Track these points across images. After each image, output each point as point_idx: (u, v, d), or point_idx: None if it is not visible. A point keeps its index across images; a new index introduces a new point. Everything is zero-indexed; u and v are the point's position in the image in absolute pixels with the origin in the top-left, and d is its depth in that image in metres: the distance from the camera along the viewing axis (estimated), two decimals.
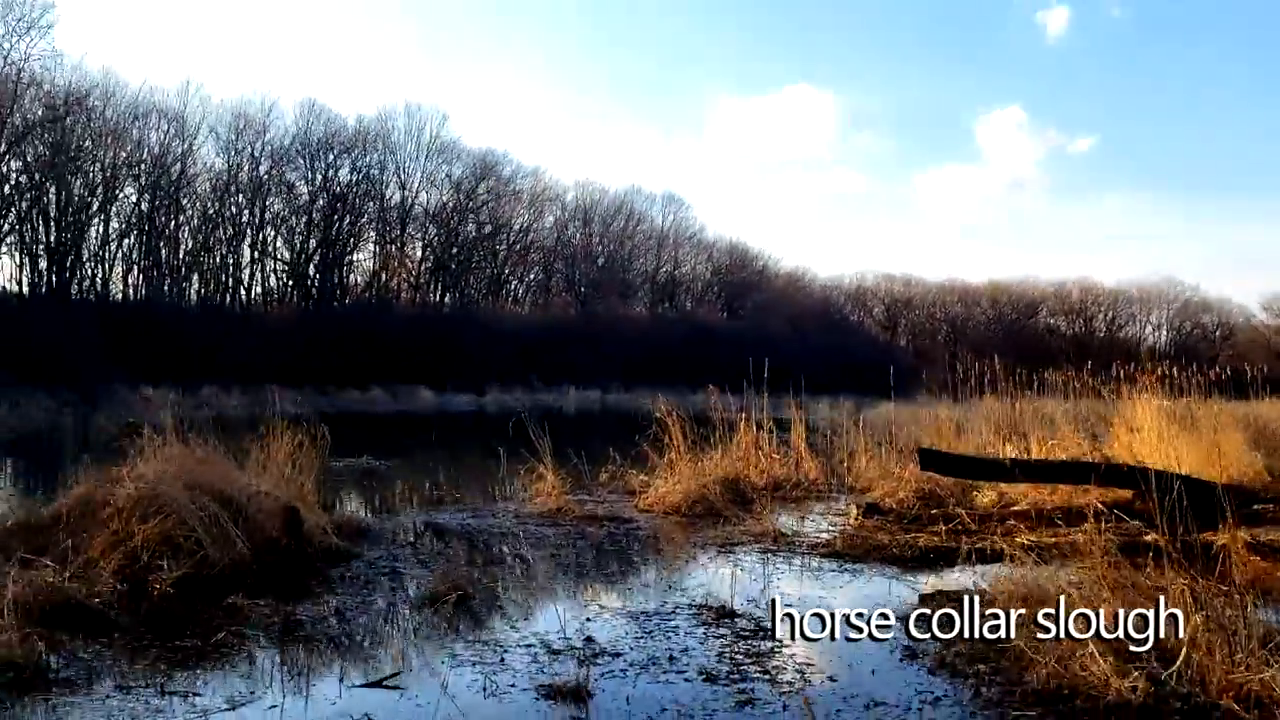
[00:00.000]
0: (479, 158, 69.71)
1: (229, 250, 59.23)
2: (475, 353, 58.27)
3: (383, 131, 65.26)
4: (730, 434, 13.39)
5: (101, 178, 51.12)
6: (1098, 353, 40.75)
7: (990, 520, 9.17)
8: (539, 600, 6.50)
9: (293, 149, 60.68)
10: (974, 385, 17.51)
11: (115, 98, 51.10)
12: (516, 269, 76.00)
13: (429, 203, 68.77)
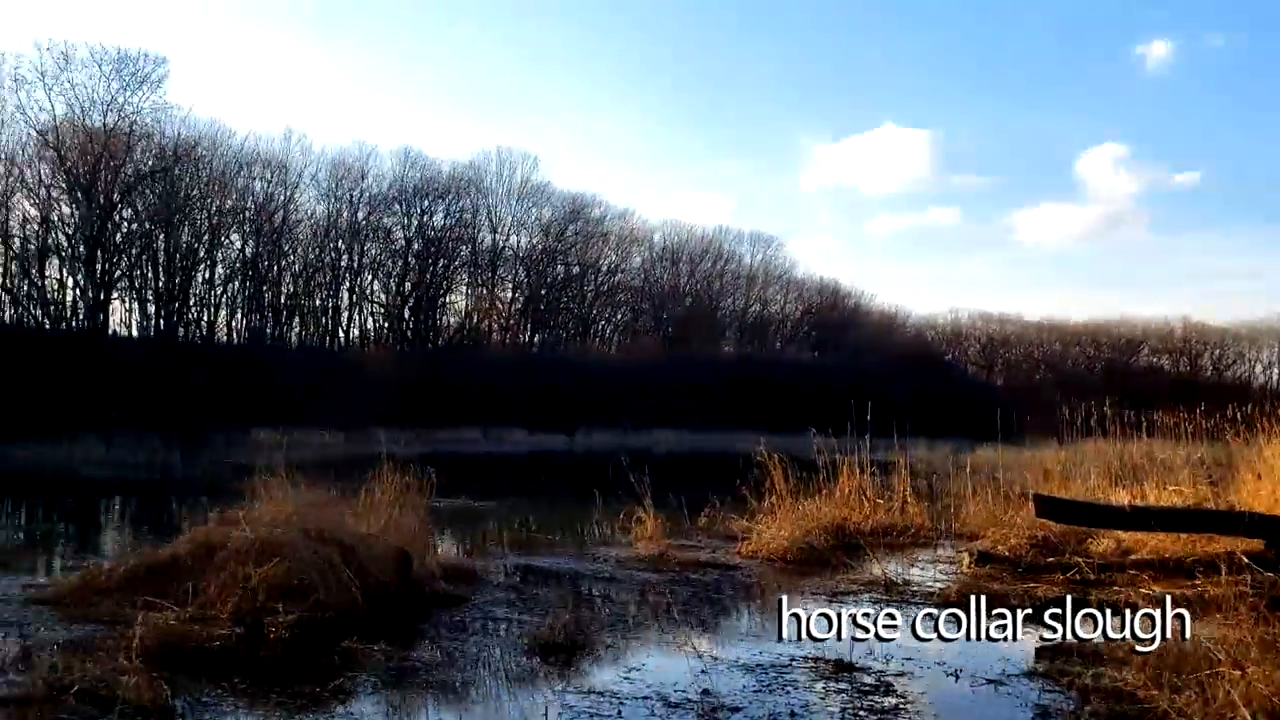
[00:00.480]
0: (569, 200, 70.63)
1: (328, 294, 60.84)
2: (565, 393, 58.69)
3: (475, 176, 66.59)
4: (831, 478, 13.18)
5: (208, 225, 53.04)
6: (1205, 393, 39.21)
7: (1110, 569, 8.81)
8: (650, 649, 6.41)
9: (390, 195, 62.28)
10: (1078, 427, 17.00)
11: (222, 148, 53.12)
12: (604, 309, 76.54)
13: (519, 245, 69.82)
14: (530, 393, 57.30)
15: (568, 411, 57.75)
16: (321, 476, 9.50)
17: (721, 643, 6.62)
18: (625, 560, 10.16)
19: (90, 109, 45.96)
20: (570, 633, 6.40)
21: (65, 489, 21.28)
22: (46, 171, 46.50)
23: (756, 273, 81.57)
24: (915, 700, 5.20)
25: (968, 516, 12.86)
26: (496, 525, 13.79)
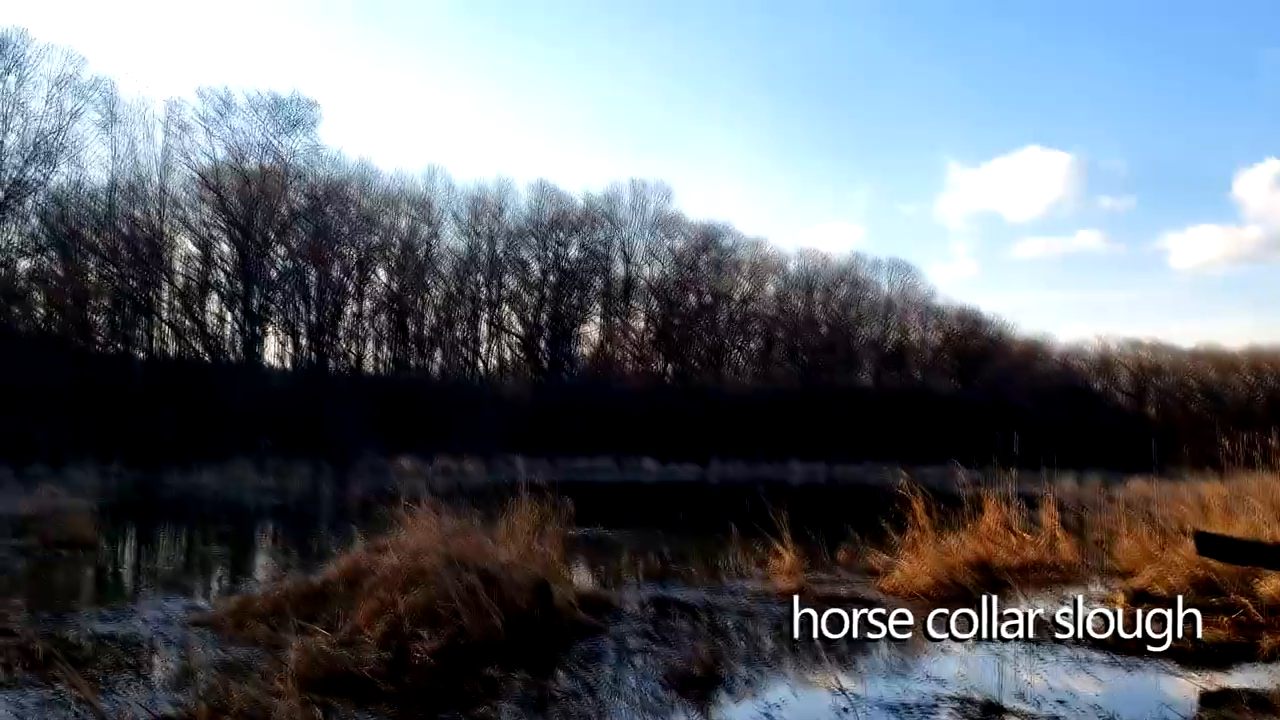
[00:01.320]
0: (700, 230, 71.01)
1: (468, 326, 62.55)
2: (697, 423, 58.72)
3: (609, 208, 67.65)
4: (974, 511, 12.80)
5: (356, 260, 55.26)
6: None
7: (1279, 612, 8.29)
8: (790, 685, 6.32)
9: (526, 229, 63.78)
10: (1239, 459, 16.11)
11: (369, 186, 55.44)
12: (737, 339, 76.42)
13: (651, 275, 70.48)
14: (662, 422, 57.56)
15: (700, 441, 57.72)
16: (462, 504, 9.72)
17: (863, 680, 6.48)
18: (763, 594, 10.06)
19: (247, 152, 48.66)
20: (708, 666, 6.37)
21: (222, 514, 22.35)
22: (207, 212, 49.35)
23: (894, 300, 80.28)
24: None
25: (1121, 553, 12.30)
26: (630, 556, 13.87)
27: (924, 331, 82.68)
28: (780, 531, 11.29)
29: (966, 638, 7.86)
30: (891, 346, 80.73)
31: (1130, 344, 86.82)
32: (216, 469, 33.97)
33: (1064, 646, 7.55)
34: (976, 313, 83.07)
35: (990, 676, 6.27)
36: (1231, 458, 16.19)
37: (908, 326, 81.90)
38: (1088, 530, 13.93)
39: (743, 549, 12.22)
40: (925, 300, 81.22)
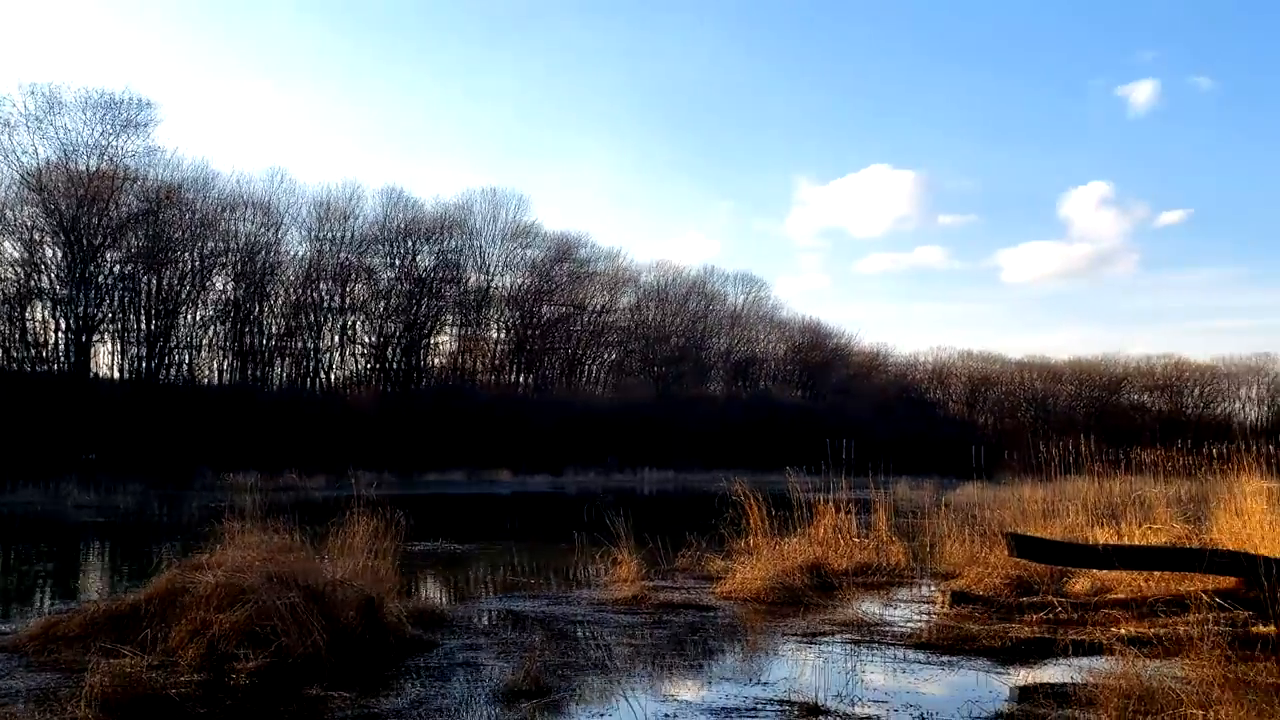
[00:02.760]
0: (557, 240, 70.91)
1: (313, 335, 60.72)
2: (552, 433, 58.53)
3: (463, 217, 66.85)
4: (811, 516, 13.15)
5: (192, 266, 52.97)
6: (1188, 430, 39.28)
7: (1087, 609, 8.77)
8: (618, 694, 6.31)
9: (375, 236, 62.41)
10: (1060, 465, 17.01)
11: (208, 189, 53.23)
12: (592, 349, 76.58)
13: (507, 285, 69.97)
14: (517, 433, 57.15)
15: (555, 452, 57.56)
16: (299, 520, 9.43)
17: (691, 686, 6.53)
18: (602, 602, 10.07)
19: (77, 152, 46.13)
20: (536, 678, 6.31)
21: (45, 532, 21.05)
22: (32, 214, 46.47)
23: (742, 313, 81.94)
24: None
25: (946, 555, 12.82)
26: (475, 568, 13.71)
27: (771, 343, 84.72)
28: (621, 540, 11.34)
29: (795, 640, 8.06)
30: (741, 357, 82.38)
31: (964, 355, 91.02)
32: (40, 486, 32.03)
33: (887, 646, 7.79)
34: (821, 325, 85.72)
35: (813, 678, 6.41)
36: (1053, 464, 17.09)
37: (756, 338, 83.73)
38: (918, 534, 14.44)
39: (588, 559, 12.24)
40: (773, 313, 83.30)
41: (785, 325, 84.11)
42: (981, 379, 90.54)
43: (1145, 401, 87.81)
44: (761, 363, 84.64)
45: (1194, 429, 48.95)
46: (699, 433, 64.12)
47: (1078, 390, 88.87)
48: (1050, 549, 9.09)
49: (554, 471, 55.87)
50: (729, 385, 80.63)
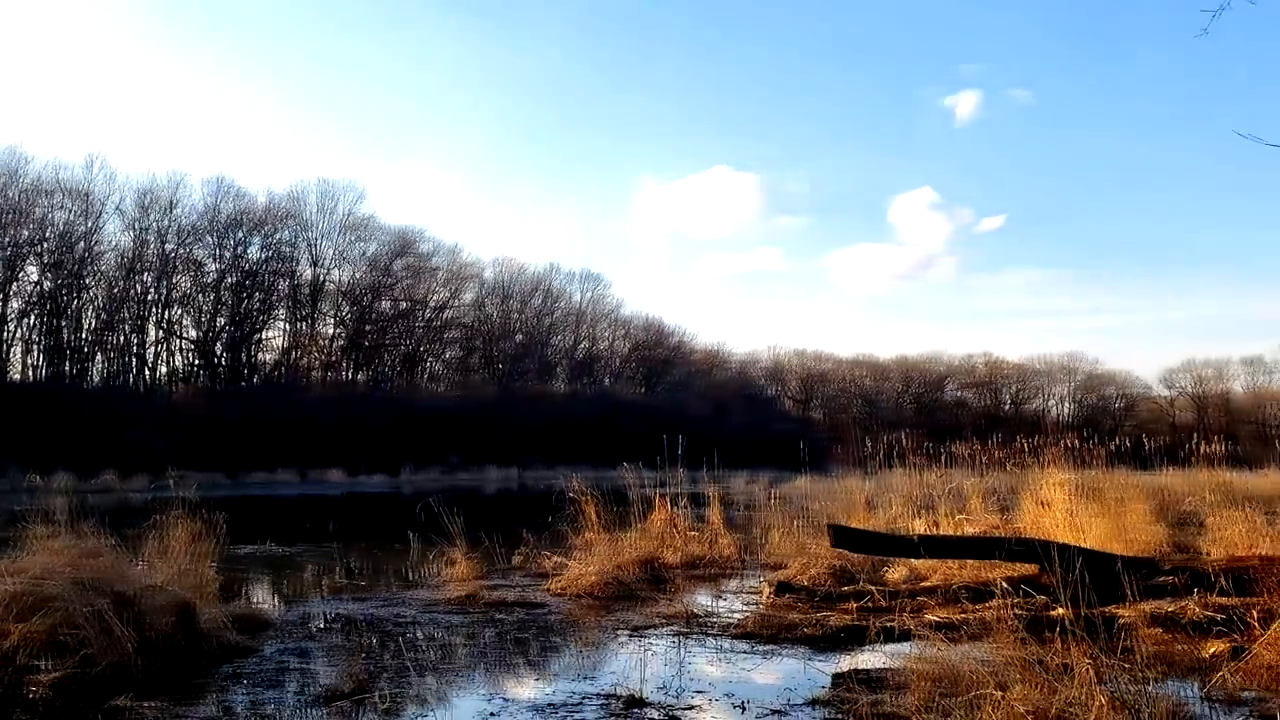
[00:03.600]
0: (395, 234, 69.60)
1: (134, 330, 57.78)
2: (390, 432, 57.38)
3: (295, 208, 64.82)
4: (648, 511, 13.33)
5: (2, 257, 49.62)
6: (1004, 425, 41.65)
7: (901, 597, 9.17)
8: (443, 694, 6.27)
9: (201, 226, 59.80)
10: (884, 459, 17.76)
11: (20, 175, 49.95)
12: (433, 346, 75.46)
13: (342, 280, 68.21)
14: (353, 432, 55.78)
15: (393, 451, 56.44)
16: (114, 523, 8.97)
17: (517, 683, 6.54)
18: (433, 603, 9.94)
19: None
20: (360, 681, 6.20)
21: None
22: None
23: (585, 311, 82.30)
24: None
25: (774, 547, 13.20)
26: (303, 571, 13.33)
27: (614, 341, 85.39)
28: (455, 539, 11.25)
29: (624, 634, 8.16)
30: (583, 355, 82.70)
31: (799, 354, 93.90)
32: None
33: (713, 637, 7.97)
34: (662, 323, 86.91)
35: (638, 671, 6.51)
36: (878, 457, 17.84)
37: (599, 336, 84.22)
38: (750, 527, 14.82)
39: (422, 559, 12.07)
40: (615, 311, 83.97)
41: (627, 323, 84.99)
42: (815, 376, 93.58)
43: (966, 398, 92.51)
44: (604, 360, 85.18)
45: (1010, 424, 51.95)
46: (542, 430, 64.02)
47: (904, 387, 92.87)
48: (866, 539, 9.49)
49: (391, 471, 54.81)
50: (572, 382, 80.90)
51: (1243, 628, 6.88)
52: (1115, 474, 14.11)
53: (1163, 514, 13.01)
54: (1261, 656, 6.17)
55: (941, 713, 5.01)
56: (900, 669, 5.99)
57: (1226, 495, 13.32)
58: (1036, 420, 70.02)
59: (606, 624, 8.72)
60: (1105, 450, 16.87)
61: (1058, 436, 17.17)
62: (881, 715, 5.30)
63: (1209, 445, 16.63)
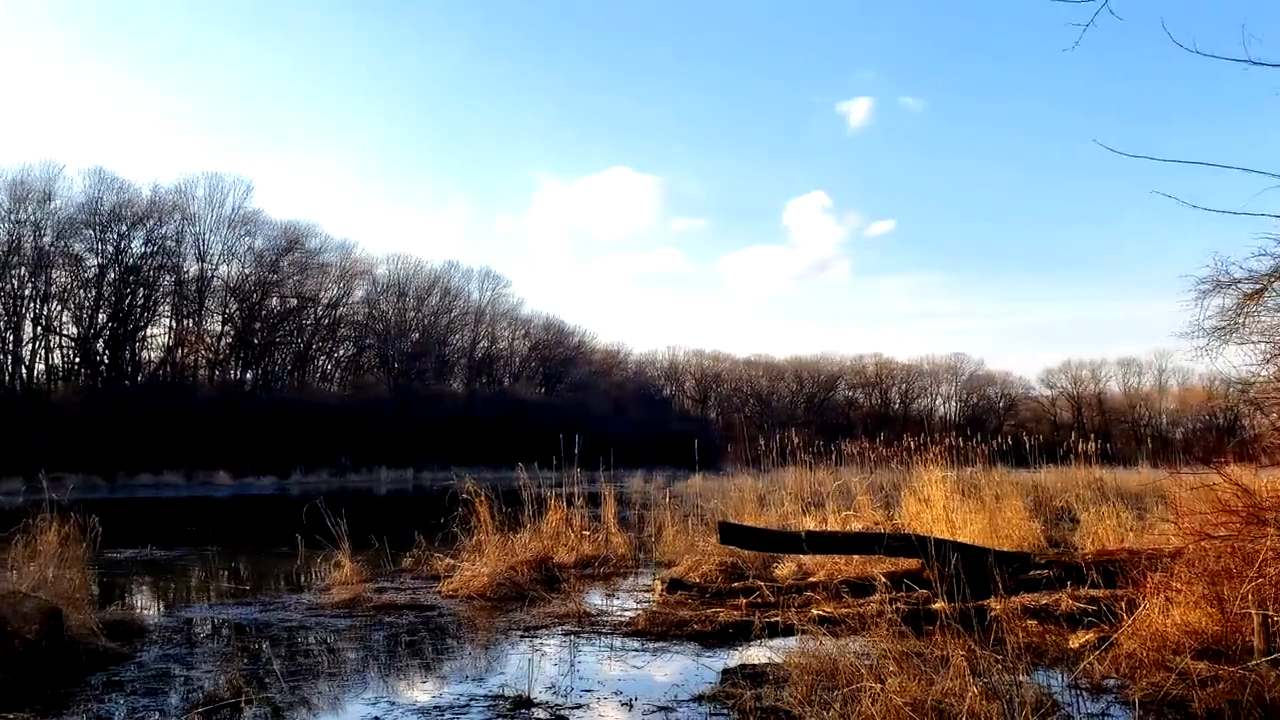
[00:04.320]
0: (285, 229, 67.96)
1: (8, 326, 55.25)
2: (279, 433, 56.02)
3: (181, 201, 62.81)
4: (543, 512, 13.30)
5: None
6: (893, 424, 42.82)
7: (789, 592, 9.32)
8: (324, 700, 6.14)
9: (80, 219, 57.50)
10: (776, 457, 18.05)
11: None
12: (325, 345, 73.94)
13: (230, 275, 66.36)
14: (240, 433, 54.31)
15: (282, 452, 55.12)
16: None
17: (402, 686, 6.45)
18: (319, 606, 9.74)
19: None
20: (237, 687, 6.04)
21: None
22: None
23: (484, 309, 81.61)
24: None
25: (668, 545, 13.29)
26: (185, 575, 12.93)
27: (513, 340, 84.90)
28: (341, 542, 11.04)
29: (515, 635, 8.12)
30: (482, 354, 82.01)
31: (696, 354, 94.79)
32: None
33: (603, 636, 7.98)
34: (562, 323, 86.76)
35: (527, 671, 6.48)
36: (771, 455, 18.12)
37: (498, 335, 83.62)
38: (646, 525, 14.88)
39: (308, 562, 11.82)
40: (515, 310, 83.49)
41: (528, 322, 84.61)
42: (711, 376, 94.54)
43: (857, 397, 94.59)
44: (503, 359, 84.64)
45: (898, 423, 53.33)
46: (439, 430, 63.29)
47: (798, 387, 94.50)
48: (753, 536, 9.63)
49: (280, 473, 53.54)
50: (470, 382, 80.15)
51: (1111, 618, 7.17)
52: (995, 471, 14.58)
53: (1039, 510, 13.47)
54: (1124, 645, 6.45)
55: (822, 705, 5.10)
56: (784, 663, 6.09)
57: (1099, 492, 13.89)
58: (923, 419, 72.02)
59: (498, 625, 8.66)
60: (986, 448, 17.47)
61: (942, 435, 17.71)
62: (764, 709, 5.38)
63: (1085, 444, 17.31)
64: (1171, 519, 8.54)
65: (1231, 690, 5.31)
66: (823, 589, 8.99)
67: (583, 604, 9.40)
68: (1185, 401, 78.82)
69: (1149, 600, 6.83)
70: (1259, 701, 5.15)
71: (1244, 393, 9.01)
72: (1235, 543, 6.43)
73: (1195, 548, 6.70)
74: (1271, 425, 8.60)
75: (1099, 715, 5.39)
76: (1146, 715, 5.34)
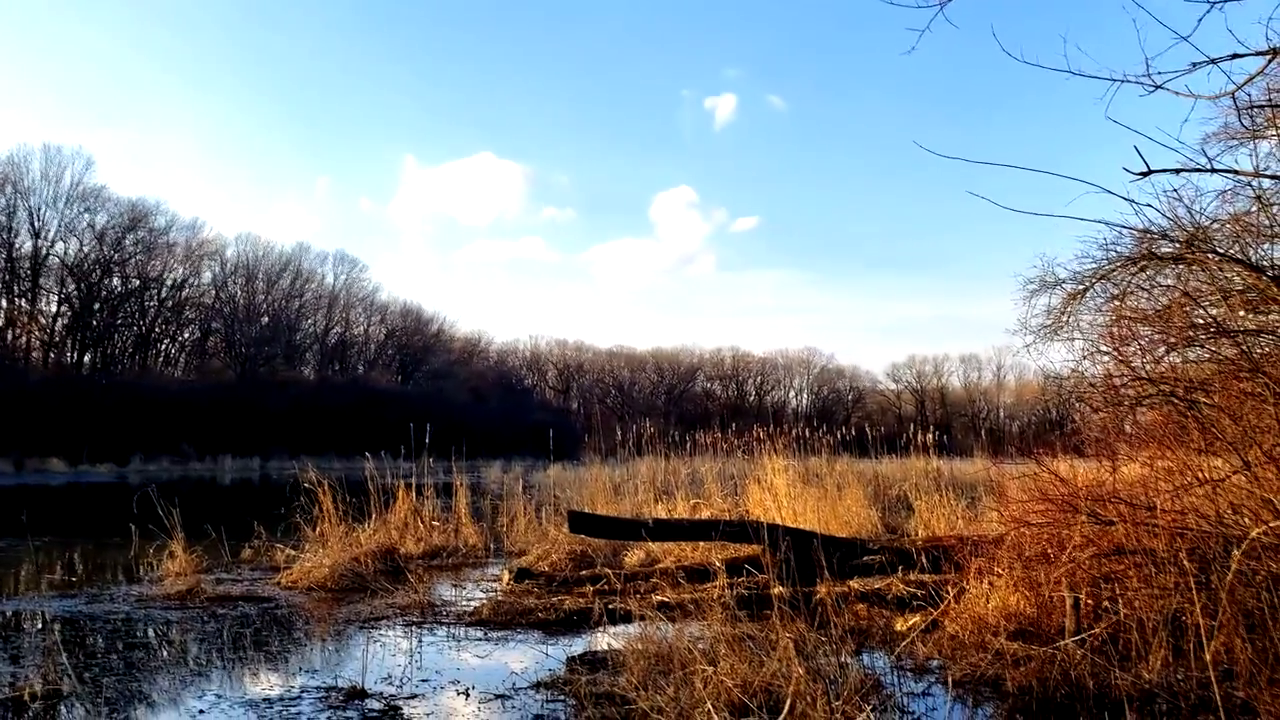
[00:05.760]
0: (127, 207, 64.83)
1: None
2: (118, 419, 53.49)
3: (14, 174, 59.22)
4: (390, 502, 13.08)
5: None
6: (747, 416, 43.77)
7: (636, 579, 9.43)
8: (149, 692, 5.90)
9: None
10: (634, 447, 18.22)
11: None
12: (169, 328, 70.95)
13: (67, 253, 62.93)
14: (76, 418, 51.61)
15: (122, 439, 52.66)
16: None
17: (231, 679, 6.25)
18: (150, 599, 9.35)
19: None
20: (55, 682, 5.75)
21: None
22: None
23: (339, 294, 79.58)
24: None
25: (520, 535, 13.26)
26: (14, 567, 12.24)
27: (368, 326, 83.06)
28: (176, 532, 10.62)
29: (354, 626, 7.97)
30: (335, 340, 79.97)
31: (559, 344, 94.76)
32: None
33: (446, 626, 7.91)
34: (420, 309, 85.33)
35: (364, 662, 6.37)
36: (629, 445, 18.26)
37: (353, 320, 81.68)
38: (499, 515, 14.80)
39: (141, 553, 11.33)
40: (371, 295, 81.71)
41: (384, 308, 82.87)
42: (574, 366, 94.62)
43: (714, 389, 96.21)
44: (358, 345, 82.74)
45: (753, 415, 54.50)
46: (288, 418, 61.48)
47: (659, 378, 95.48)
48: (601, 524, 9.69)
49: (119, 460, 51.20)
50: (322, 369, 78.07)
51: (939, 602, 7.50)
52: (839, 461, 15.05)
53: (878, 499, 13.97)
54: (948, 628, 6.76)
55: (655, 689, 5.18)
56: (623, 649, 6.15)
57: (935, 481, 14.48)
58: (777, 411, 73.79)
59: (337, 616, 8.48)
60: (832, 439, 18.02)
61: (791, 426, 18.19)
62: (600, 695, 5.42)
63: (924, 435, 18.01)
64: (994, 507, 8.97)
65: (1042, 669, 5.62)
66: (667, 576, 9.12)
67: (428, 595, 9.29)
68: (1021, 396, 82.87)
69: (972, 584, 7.17)
70: (1065, 679, 5.46)
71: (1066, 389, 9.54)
72: (1051, 530, 6.80)
73: (1015, 534, 7.05)
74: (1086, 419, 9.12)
75: (920, 695, 5.63)
76: (963, 694, 5.61)
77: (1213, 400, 6.52)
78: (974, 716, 5.25)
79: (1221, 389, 6.43)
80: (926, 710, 5.31)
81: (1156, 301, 7.85)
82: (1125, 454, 7.49)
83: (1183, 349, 7.42)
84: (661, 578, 9.24)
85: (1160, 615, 5.68)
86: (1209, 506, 6.08)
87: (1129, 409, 8.22)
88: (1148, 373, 7.40)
